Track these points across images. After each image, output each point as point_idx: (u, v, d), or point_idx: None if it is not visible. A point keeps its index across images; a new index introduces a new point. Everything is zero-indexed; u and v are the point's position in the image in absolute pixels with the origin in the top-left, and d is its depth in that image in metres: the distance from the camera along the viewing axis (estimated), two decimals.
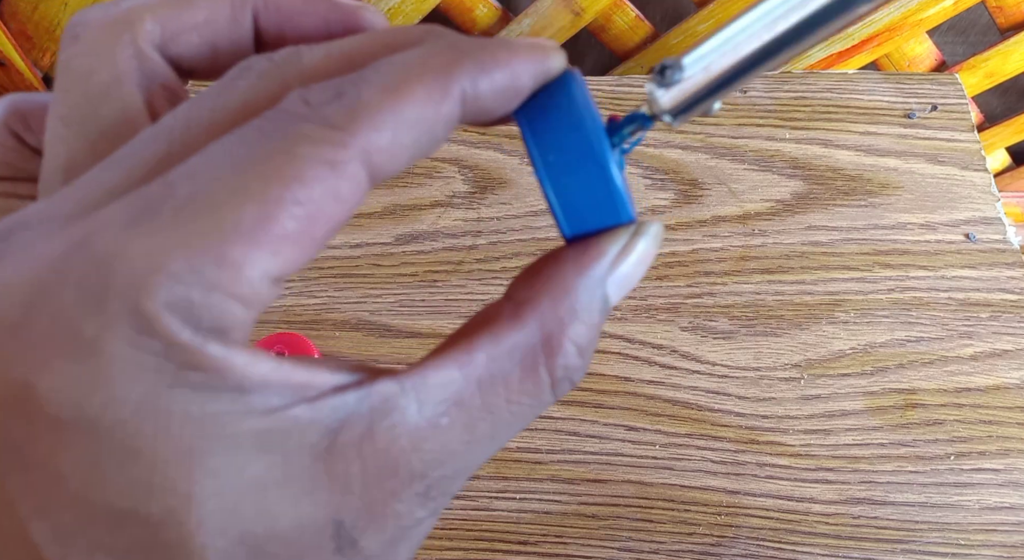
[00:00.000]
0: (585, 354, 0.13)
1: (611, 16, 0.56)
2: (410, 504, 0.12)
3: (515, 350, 0.13)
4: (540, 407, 0.13)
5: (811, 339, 0.42)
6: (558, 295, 0.13)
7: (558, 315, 0.13)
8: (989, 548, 0.36)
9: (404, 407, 0.12)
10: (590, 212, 0.14)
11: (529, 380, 0.13)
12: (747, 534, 0.37)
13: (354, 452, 0.12)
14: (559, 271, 0.14)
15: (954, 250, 0.45)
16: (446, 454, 0.12)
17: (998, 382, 0.41)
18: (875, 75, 0.52)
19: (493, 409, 0.13)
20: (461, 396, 0.13)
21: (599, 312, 0.14)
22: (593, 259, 0.14)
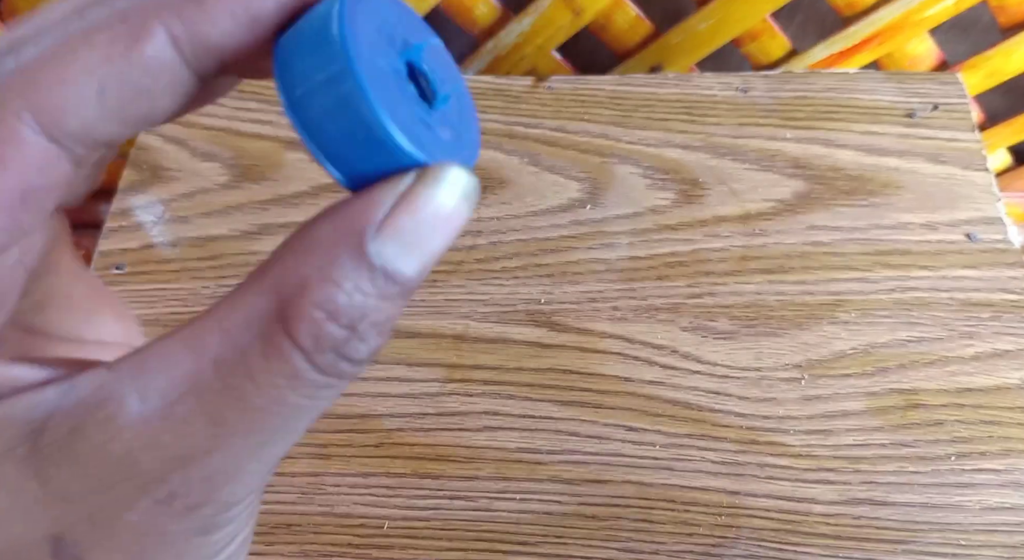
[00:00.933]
0: (355, 326, 0.11)
1: (611, 15, 0.56)
2: (148, 514, 0.10)
3: (251, 320, 0.10)
4: (308, 389, 0.11)
5: (812, 339, 0.42)
6: (304, 253, 0.11)
7: (299, 276, 0.11)
8: (990, 549, 0.36)
9: (121, 397, 0.10)
10: (360, 159, 0.11)
11: (273, 355, 0.10)
12: (748, 535, 0.37)
13: (64, 454, 0.10)
14: (314, 227, 0.11)
15: (955, 250, 0.45)
16: (188, 451, 0.10)
17: (999, 382, 0.40)
18: (876, 74, 0.51)
19: (241, 394, 0.10)
20: (196, 380, 0.10)
21: (371, 277, 0.11)
22: (357, 210, 0.11)
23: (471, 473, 0.39)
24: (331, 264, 0.10)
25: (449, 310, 0.43)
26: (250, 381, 0.10)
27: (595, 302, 0.43)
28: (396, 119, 0.11)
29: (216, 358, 0.10)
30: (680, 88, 0.51)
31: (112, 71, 0.10)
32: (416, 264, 0.11)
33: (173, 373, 0.10)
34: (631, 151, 0.49)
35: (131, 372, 0.10)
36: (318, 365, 0.11)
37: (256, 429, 0.11)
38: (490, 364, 0.41)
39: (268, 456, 0.11)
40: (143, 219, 0.47)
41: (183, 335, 0.11)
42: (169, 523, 0.11)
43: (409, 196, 0.11)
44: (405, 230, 0.11)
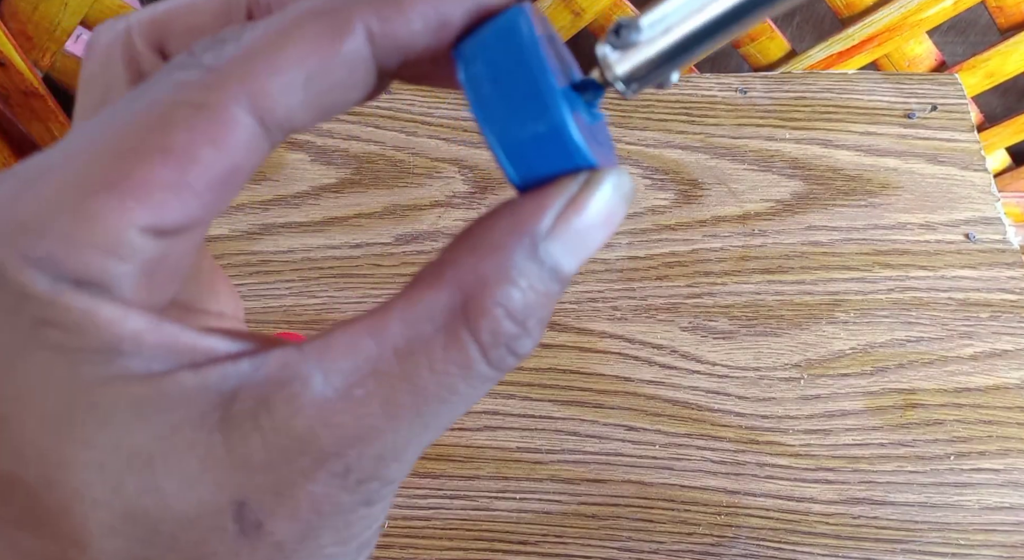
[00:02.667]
0: (526, 322, 0.11)
1: (611, 16, 0.56)
2: (327, 486, 0.11)
3: (434, 313, 0.11)
4: (476, 380, 0.11)
5: (811, 339, 0.42)
6: (483, 252, 0.11)
7: (481, 274, 0.11)
8: (989, 548, 0.36)
9: (306, 376, 0.11)
10: (538, 159, 0.12)
11: (453, 347, 0.11)
12: (747, 534, 0.37)
13: (251, 425, 0.11)
14: (491, 226, 0.12)
15: (954, 250, 0.45)
16: (364, 430, 0.11)
17: (998, 382, 0.41)
18: (875, 75, 0.52)
19: (415, 380, 0.11)
20: (376, 365, 0.11)
21: (540, 276, 0.11)
22: (530, 212, 0.12)
23: (471, 472, 0.39)
24: (510, 263, 0.11)
25: None
26: (428, 369, 0.11)
27: (595, 302, 0.43)
28: (577, 125, 0.12)
29: (397, 346, 0.11)
30: (679, 89, 0.51)
31: (318, 63, 0.11)
32: (576, 262, 0.12)
33: (356, 357, 0.11)
34: (631, 151, 0.49)
35: (317, 353, 0.11)
36: (490, 359, 0.11)
37: (425, 413, 0.11)
38: None
39: (427, 438, 0.12)
40: None
41: (366, 323, 0.11)
42: (342, 495, 0.11)
43: (580, 199, 0.12)
44: (573, 231, 0.12)
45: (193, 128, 0.10)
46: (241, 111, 0.11)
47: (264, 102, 0.11)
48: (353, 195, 0.47)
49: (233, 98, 0.11)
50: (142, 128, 0.10)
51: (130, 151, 0.10)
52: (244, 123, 0.11)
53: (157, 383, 0.10)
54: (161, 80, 0.11)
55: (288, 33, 0.11)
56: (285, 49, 0.11)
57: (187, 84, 0.11)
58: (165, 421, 0.10)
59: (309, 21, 0.11)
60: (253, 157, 0.11)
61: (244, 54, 0.11)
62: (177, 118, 0.10)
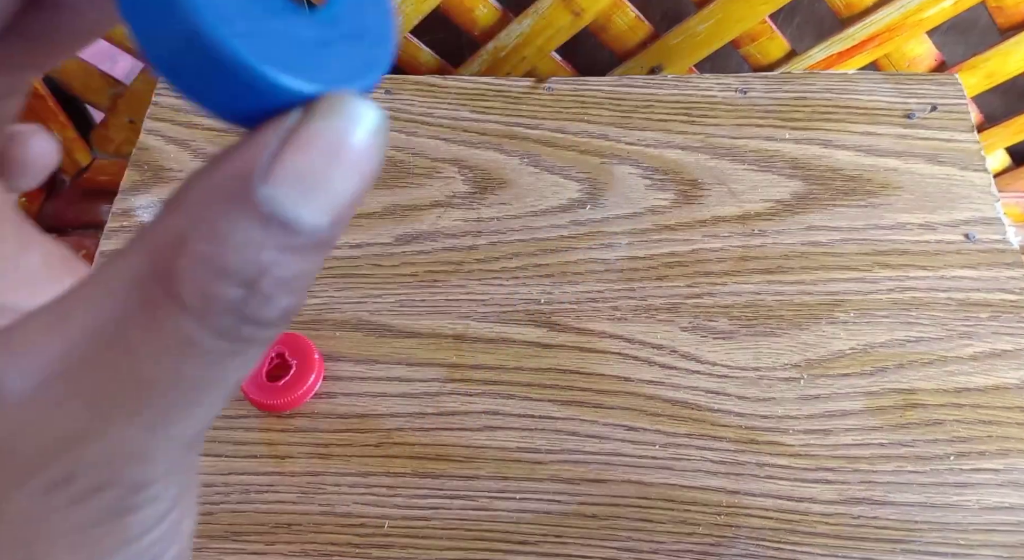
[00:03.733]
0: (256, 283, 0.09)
1: (611, 16, 0.56)
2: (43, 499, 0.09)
3: (128, 285, 0.09)
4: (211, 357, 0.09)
5: (811, 339, 0.42)
6: (181, 206, 0.09)
7: (175, 231, 0.09)
8: (989, 548, 0.36)
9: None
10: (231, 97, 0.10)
11: (155, 320, 0.09)
12: (747, 534, 0.37)
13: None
14: (195, 178, 0.10)
15: (954, 250, 0.45)
16: (79, 432, 0.09)
17: (998, 382, 0.41)
18: (875, 75, 0.52)
19: (124, 367, 0.09)
20: (66, 358, 0.09)
21: (265, 228, 0.09)
22: (238, 155, 0.09)
23: (471, 472, 0.39)
24: (213, 214, 0.09)
25: (449, 310, 0.43)
26: (133, 352, 0.09)
27: (595, 302, 0.43)
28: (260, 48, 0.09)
29: (94, 329, 0.09)
30: (679, 89, 0.51)
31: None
32: (321, 210, 0.09)
33: (49, 348, 0.09)
34: (630, 152, 0.49)
35: (4, 348, 0.09)
36: (215, 329, 0.09)
37: (147, 406, 0.09)
38: (490, 364, 0.41)
39: (179, 433, 0.10)
40: (145, 219, 0.47)
41: (54, 308, 0.10)
42: (69, 509, 0.10)
43: (298, 133, 0.09)
44: (299, 171, 0.09)
45: None
46: None
47: None
48: None
49: None
50: None
51: None
52: None
53: None
54: None
55: None
56: None
57: None
58: None
59: None
60: None
61: None
62: None
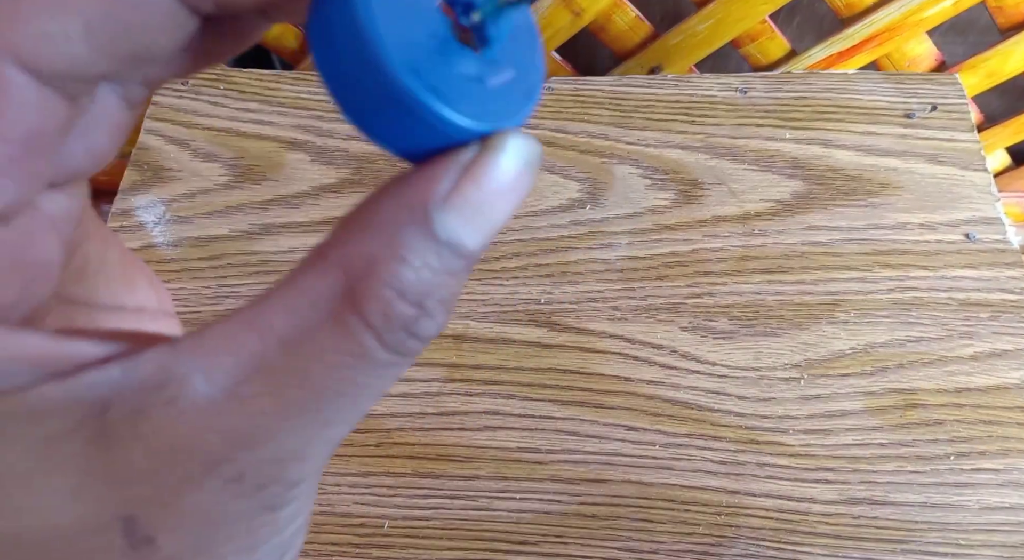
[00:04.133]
0: (423, 303, 0.10)
1: (611, 16, 0.56)
2: (218, 494, 0.10)
3: (317, 299, 0.10)
4: (377, 369, 0.10)
5: (811, 339, 0.42)
6: (368, 231, 0.10)
7: (366, 254, 0.10)
8: (989, 548, 0.36)
9: (184, 376, 0.10)
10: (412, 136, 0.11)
11: (341, 334, 0.10)
12: (747, 534, 0.37)
13: (130, 434, 0.10)
14: (378, 203, 0.11)
15: (954, 250, 0.45)
16: (256, 432, 0.10)
17: (998, 382, 0.41)
18: (875, 75, 0.52)
19: (307, 374, 0.10)
20: (263, 360, 0.10)
21: (437, 252, 0.10)
22: (420, 183, 0.10)
23: (471, 472, 0.39)
24: (399, 240, 0.10)
25: None
26: (317, 361, 0.10)
27: (595, 302, 0.43)
28: (442, 93, 0.10)
29: (282, 338, 0.10)
30: (679, 89, 0.51)
31: (97, 6, 0.09)
32: (480, 236, 0.11)
33: (239, 353, 0.10)
34: (631, 151, 0.49)
35: (195, 352, 0.10)
36: (387, 344, 0.10)
37: (323, 409, 0.10)
38: (490, 364, 0.41)
39: (332, 435, 0.11)
40: (144, 219, 0.47)
41: (247, 315, 0.10)
42: (237, 502, 0.10)
43: (473, 168, 0.11)
44: (471, 201, 0.10)
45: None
46: (10, 69, 0.09)
47: (33, 55, 0.09)
48: (353, 195, 0.47)
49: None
50: None
51: None
52: (18, 82, 0.09)
53: (19, 397, 0.10)
54: None
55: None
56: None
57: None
58: (37, 436, 0.10)
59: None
60: (52, 118, 0.10)
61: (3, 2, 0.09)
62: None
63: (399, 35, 0.10)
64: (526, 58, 0.12)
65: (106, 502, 0.10)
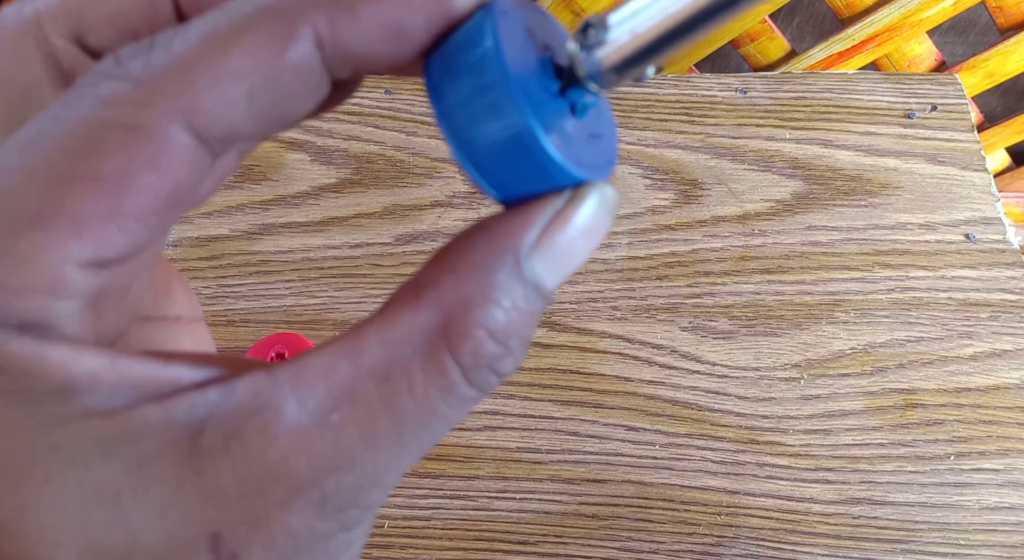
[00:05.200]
0: (508, 342, 0.11)
1: None
2: (305, 516, 0.11)
3: (413, 335, 0.11)
4: (459, 403, 0.11)
5: (811, 339, 0.42)
6: (464, 272, 0.11)
7: (462, 295, 0.11)
8: (989, 548, 0.36)
9: (279, 404, 0.10)
10: (516, 177, 0.11)
11: (433, 370, 0.11)
12: (747, 534, 0.37)
13: (223, 456, 0.10)
14: (470, 245, 0.11)
15: (954, 250, 0.45)
16: (343, 458, 0.11)
17: (998, 382, 0.41)
18: (875, 75, 0.52)
19: (395, 404, 0.11)
20: (353, 389, 0.11)
21: (525, 294, 0.11)
22: (513, 229, 0.11)
23: (471, 472, 0.39)
24: (491, 283, 0.11)
25: None
26: (408, 393, 0.11)
27: (595, 302, 0.43)
28: (555, 140, 0.11)
29: (374, 369, 0.11)
30: (679, 89, 0.51)
31: (262, 75, 0.10)
32: (559, 278, 0.11)
33: (331, 382, 0.11)
34: (631, 151, 0.49)
35: (290, 379, 0.11)
36: (472, 381, 0.11)
37: (406, 438, 0.11)
38: None
39: (407, 462, 0.11)
40: None
41: (341, 346, 0.11)
42: (320, 524, 0.11)
43: (564, 215, 0.11)
44: (558, 248, 0.11)
45: (127, 151, 0.10)
46: (178, 130, 0.10)
47: (202, 119, 0.10)
48: (353, 195, 0.47)
49: (167, 116, 0.10)
50: (72, 152, 0.10)
51: (60, 180, 0.10)
52: (182, 142, 0.10)
53: (120, 418, 0.10)
54: (87, 93, 0.10)
55: (227, 40, 0.10)
56: (224, 59, 0.10)
57: (116, 100, 0.10)
58: (132, 455, 0.10)
59: (251, 26, 0.10)
60: (196, 174, 0.11)
61: (177, 64, 0.10)
62: (109, 141, 0.10)
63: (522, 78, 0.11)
64: (607, 128, 0.14)
65: (195, 520, 0.10)
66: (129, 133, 0.10)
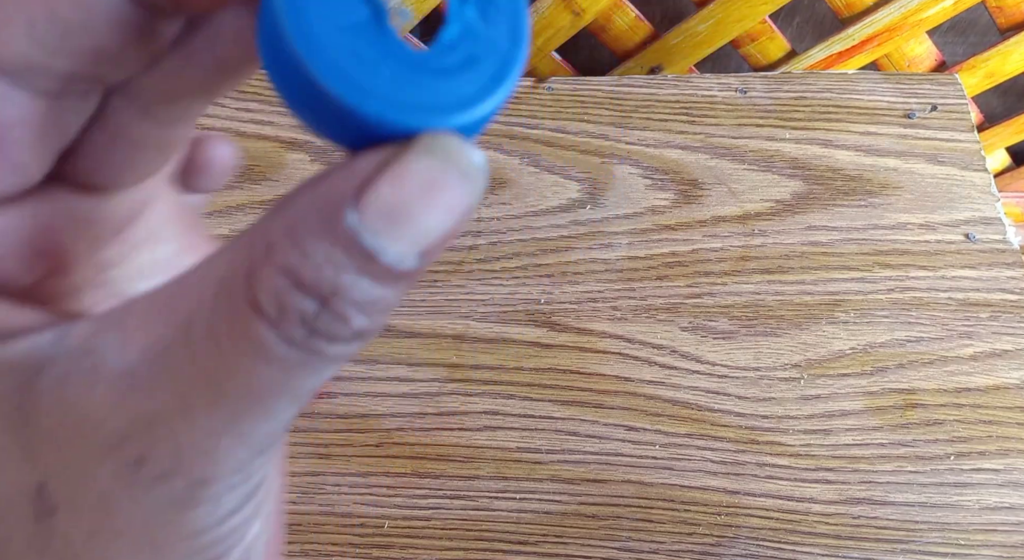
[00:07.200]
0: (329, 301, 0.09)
1: (611, 16, 0.56)
2: (115, 475, 0.10)
3: (221, 280, 0.10)
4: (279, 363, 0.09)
5: (811, 339, 0.42)
6: (277, 215, 0.10)
7: (268, 237, 0.09)
8: (989, 548, 0.36)
9: (102, 349, 0.10)
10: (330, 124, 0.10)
11: (236, 320, 0.09)
12: (747, 534, 0.37)
13: (53, 400, 0.10)
14: (296, 190, 0.10)
15: (954, 250, 0.45)
16: (154, 417, 0.10)
17: (998, 382, 0.41)
18: (875, 75, 0.52)
19: (206, 362, 0.09)
20: (167, 342, 0.10)
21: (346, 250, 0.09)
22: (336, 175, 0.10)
23: (471, 472, 0.39)
24: (300, 229, 0.09)
25: (449, 310, 0.43)
26: (213, 350, 0.09)
27: (595, 302, 0.43)
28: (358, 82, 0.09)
29: (185, 319, 0.10)
30: (679, 89, 0.51)
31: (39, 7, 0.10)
32: (406, 244, 0.10)
33: (149, 331, 0.10)
34: (631, 151, 0.49)
35: (114, 325, 0.10)
36: (286, 338, 0.09)
37: (222, 402, 0.10)
38: (490, 364, 0.41)
39: (246, 434, 0.10)
40: None
41: (165, 292, 0.10)
42: (136, 490, 0.10)
43: (392, 166, 0.09)
44: (387, 205, 0.09)
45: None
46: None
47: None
48: None
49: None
50: None
51: None
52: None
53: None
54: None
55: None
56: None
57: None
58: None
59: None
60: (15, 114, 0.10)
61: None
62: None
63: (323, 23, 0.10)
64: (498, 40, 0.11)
65: (23, 467, 0.10)
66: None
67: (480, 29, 0.11)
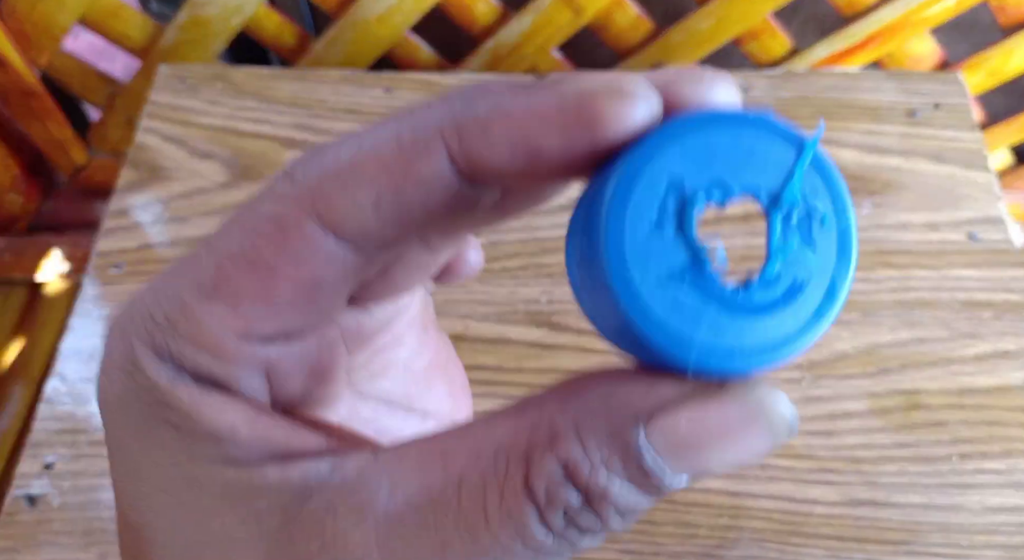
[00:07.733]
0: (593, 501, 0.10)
1: (612, 14, 0.56)
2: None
3: (499, 454, 0.10)
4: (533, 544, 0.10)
5: None
6: (568, 405, 0.10)
7: (555, 426, 0.10)
8: (992, 549, 0.36)
9: (373, 488, 0.11)
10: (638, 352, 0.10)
11: (508, 494, 0.10)
12: (749, 536, 0.37)
13: (316, 527, 0.11)
14: (595, 381, 0.11)
15: (957, 250, 0.44)
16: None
17: (1001, 382, 0.40)
18: (877, 74, 0.51)
19: (470, 522, 0.10)
20: (439, 496, 0.10)
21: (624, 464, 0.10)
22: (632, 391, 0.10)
23: None
24: (587, 429, 0.10)
25: (449, 310, 0.43)
26: (481, 514, 0.10)
27: None
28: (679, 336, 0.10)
29: (460, 478, 0.10)
30: None
31: (387, 184, 0.11)
32: (687, 473, 0.10)
33: (424, 480, 0.10)
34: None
35: (390, 466, 0.11)
36: (547, 521, 0.10)
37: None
38: (490, 364, 0.41)
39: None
40: (141, 219, 0.47)
41: (443, 441, 0.11)
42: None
43: (697, 403, 0.10)
44: (683, 437, 0.10)
45: (274, 241, 0.11)
46: (313, 227, 0.11)
47: (334, 218, 0.11)
48: None
49: (306, 214, 0.11)
50: (243, 236, 0.11)
51: (229, 260, 0.11)
52: (316, 237, 0.11)
53: (247, 471, 0.11)
54: (269, 188, 0.12)
55: (363, 156, 0.11)
56: (357, 172, 0.11)
57: (279, 196, 0.11)
58: (250, 507, 0.11)
59: (387, 143, 0.11)
60: (337, 268, 0.11)
61: (323, 171, 0.11)
62: (264, 231, 0.11)
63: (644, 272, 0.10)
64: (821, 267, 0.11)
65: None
66: (277, 224, 0.11)
67: (804, 254, 0.11)
